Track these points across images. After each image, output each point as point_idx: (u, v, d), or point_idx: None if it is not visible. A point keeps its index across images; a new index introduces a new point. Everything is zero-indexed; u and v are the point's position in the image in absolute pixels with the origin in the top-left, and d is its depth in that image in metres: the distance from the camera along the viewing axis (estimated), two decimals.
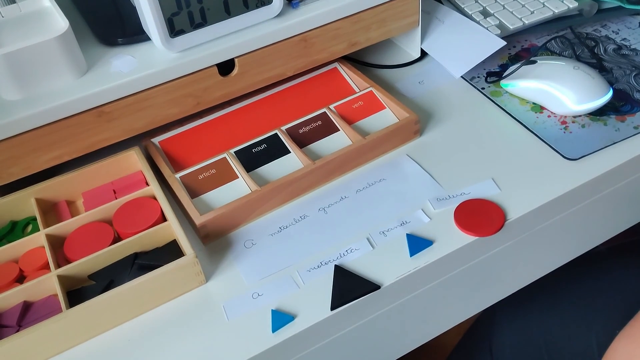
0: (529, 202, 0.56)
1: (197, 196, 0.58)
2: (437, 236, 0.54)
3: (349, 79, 0.71)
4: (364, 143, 0.61)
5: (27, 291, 0.51)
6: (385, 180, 0.60)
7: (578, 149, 0.60)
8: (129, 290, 0.49)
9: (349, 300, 0.50)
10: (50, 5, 0.59)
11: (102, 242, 0.54)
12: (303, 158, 0.60)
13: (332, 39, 0.65)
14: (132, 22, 0.60)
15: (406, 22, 0.70)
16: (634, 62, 0.71)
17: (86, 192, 0.60)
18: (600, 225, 0.66)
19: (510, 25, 0.74)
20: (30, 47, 0.52)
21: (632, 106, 0.65)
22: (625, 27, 0.77)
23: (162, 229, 0.54)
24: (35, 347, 0.48)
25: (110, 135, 0.58)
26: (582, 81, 0.63)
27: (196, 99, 0.61)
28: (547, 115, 0.65)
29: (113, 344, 0.49)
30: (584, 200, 0.59)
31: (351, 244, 0.54)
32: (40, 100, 0.54)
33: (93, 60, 0.59)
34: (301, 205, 0.59)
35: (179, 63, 0.58)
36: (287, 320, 0.49)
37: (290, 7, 0.63)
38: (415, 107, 0.68)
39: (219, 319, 0.50)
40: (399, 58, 0.76)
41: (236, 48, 0.60)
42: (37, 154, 0.56)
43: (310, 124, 0.64)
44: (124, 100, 0.57)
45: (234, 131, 0.65)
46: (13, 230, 0.58)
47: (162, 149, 0.63)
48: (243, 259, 0.55)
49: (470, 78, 0.71)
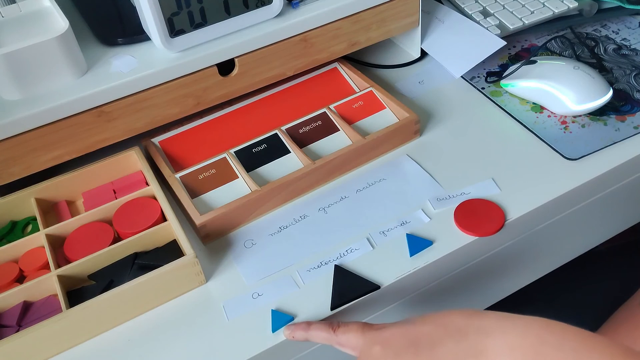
0: (529, 202, 0.56)
1: (197, 196, 0.58)
2: (437, 236, 0.54)
3: (349, 79, 0.71)
4: (364, 143, 0.61)
5: (27, 291, 0.51)
6: (385, 180, 0.60)
7: (578, 149, 0.60)
8: (129, 290, 0.49)
9: (349, 300, 0.50)
10: (50, 5, 0.59)
11: (102, 242, 0.54)
12: (303, 158, 0.60)
13: (332, 39, 0.65)
14: (132, 22, 0.60)
15: (406, 22, 0.70)
16: (634, 62, 0.71)
17: (86, 192, 0.60)
18: (600, 225, 0.66)
19: (510, 25, 0.74)
20: (30, 47, 0.52)
21: (632, 106, 0.65)
22: (625, 27, 0.77)
23: (162, 229, 0.54)
24: (35, 347, 0.48)
25: (110, 135, 0.58)
26: (582, 81, 0.63)
27: (196, 99, 0.61)
28: (547, 115, 0.65)
29: (113, 344, 0.49)
30: (584, 200, 0.59)
31: (351, 244, 0.54)
32: (40, 100, 0.54)
33: (93, 60, 0.59)
34: (301, 205, 0.59)
35: (179, 63, 0.58)
36: (287, 320, 0.49)
37: (290, 7, 0.63)
38: (415, 107, 0.68)
39: (219, 319, 0.50)
40: (399, 58, 0.76)
41: (236, 48, 0.60)
42: (37, 154, 0.56)
43: (310, 124, 0.64)
44: (124, 100, 0.57)
45: (234, 131, 0.65)
46: (13, 230, 0.58)
47: (162, 149, 0.63)
48: (243, 259, 0.55)
49: (470, 78, 0.71)
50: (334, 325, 0.46)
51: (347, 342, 0.45)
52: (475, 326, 0.40)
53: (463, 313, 0.42)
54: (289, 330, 0.48)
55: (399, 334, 0.42)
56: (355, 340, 0.44)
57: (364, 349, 0.43)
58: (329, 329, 0.46)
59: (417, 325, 0.42)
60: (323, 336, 0.46)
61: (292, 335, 0.48)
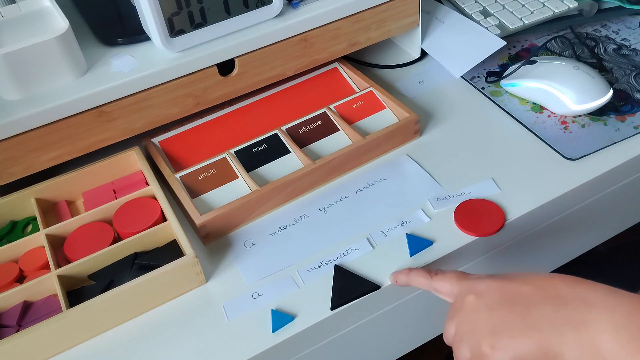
0: (529, 202, 0.56)
1: (197, 196, 0.58)
2: (437, 236, 0.54)
3: (349, 79, 0.71)
4: (364, 143, 0.61)
5: (27, 291, 0.51)
6: (385, 180, 0.60)
7: (578, 149, 0.60)
8: (129, 290, 0.49)
9: (348, 300, 0.50)
10: (50, 5, 0.59)
11: (102, 242, 0.54)
12: (303, 158, 0.60)
13: (332, 39, 0.65)
14: (132, 22, 0.60)
15: (406, 22, 0.70)
16: (634, 62, 0.71)
17: (86, 192, 0.60)
18: (600, 225, 0.66)
19: (510, 25, 0.74)
20: (30, 47, 0.52)
21: (632, 106, 0.65)
22: (625, 27, 0.77)
23: (162, 229, 0.54)
24: (35, 347, 0.48)
25: (110, 135, 0.58)
26: (582, 81, 0.63)
27: (196, 99, 0.61)
28: (547, 115, 0.65)
29: (113, 344, 0.49)
30: (584, 200, 0.59)
31: (351, 244, 0.54)
32: (40, 100, 0.54)
33: (93, 60, 0.59)
34: (301, 205, 0.59)
35: (179, 63, 0.58)
36: (287, 320, 0.49)
37: (290, 7, 0.63)
38: (415, 107, 0.68)
39: (219, 319, 0.50)
40: (399, 58, 0.76)
41: (236, 48, 0.60)
42: (37, 154, 0.56)
43: (310, 124, 0.64)
44: (124, 100, 0.57)
45: (234, 131, 0.65)
46: (13, 230, 0.58)
47: (162, 149, 0.63)
48: (243, 259, 0.55)
49: (470, 78, 0.71)
50: (432, 272, 0.47)
51: (443, 288, 0.46)
52: (579, 295, 0.39)
53: (567, 279, 0.40)
54: (393, 276, 0.50)
55: (495, 287, 0.42)
56: (450, 287, 0.45)
57: (458, 297, 0.44)
58: (427, 275, 0.47)
59: (515, 283, 0.41)
60: (421, 282, 0.47)
61: (395, 280, 0.50)
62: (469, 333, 0.41)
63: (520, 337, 0.39)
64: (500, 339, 0.39)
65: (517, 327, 0.39)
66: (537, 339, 0.38)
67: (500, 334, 0.40)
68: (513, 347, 0.39)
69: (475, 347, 0.41)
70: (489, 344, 0.40)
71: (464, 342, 0.42)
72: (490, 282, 0.42)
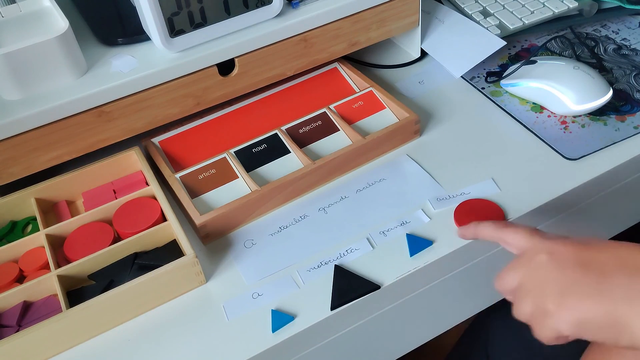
0: (529, 202, 0.56)
1: (197, 196, 0.58)
2: (437, 236, 0.54)
3: (349, 79, 0.71)
4: (364, 143, 0.61)
5: (27, 291, 0.51)
6: (385, 180, 0.60)
7: (578, 149, 0.60)
8: (129, 290, 0.49)
9: (349, 300, 0.50)
10: (50, 5, 0.59)
11: (102, 242, 0.54)
12: (303, 158, 0.60)
13: (332, 39, 0.65)
14: (132, 22, 0.60)
15: (406, 22, 0.70)
16: (634, 62, 0.71)
17: (86, 192, 0.60)
18: (600, 226, 0.66)
19: (510, 25, 0.74)
20: (30, 47, 0.52)
21: (632, 106, 0.65)
22: (625, 27, 0.77)
23: (162, 229, 0.54)
24: (35, 347, 0.48)
25: (110, 135, 0.58)
26: (582, 81, 0.63)
27: (196, 99, 0.61)
28: (547, 115, 0.65)
29: (113, 344, 0.49)
30: (584, 200, 0.59)
31: (351, 244, 0.54)
32: (40, 100, 0.54)
33: (93, 60, 0.59)
34: (301, 205, 0.59)
35: (179, 63, 0.58)
36: (287, 320, 0.49)
37: (290, 7, 0.63)
38: (415, 107, 0.68)
39: (219, 319, 0.50)
40: (399, 58, 0.76)
41: (236, 48, 0.60)
42: (37, 154, 0.56)
43: (310, 124, 0.64)
44: (124, 100, 0.57)
45: (234, 131, 0.65)
46: (13, 230, 0.58)
47: (162, 149, 0.63)
48: (243, 259, 0.55)
49: (470, 78, 0.71)
50: (501, 224, 0.46)
51: (513, 241, 0.45)
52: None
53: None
54: (460, 230, 0.51)
55: (571, 250, 0.41)
56: (523, 241, 0.44)
57: (528, 252, 0.43)
58: (496, 227, 0.46)
59: (591, 249, 0.41)
60: (490, 233, 0.47)
61: (462, 234, 0.50)
62: (536, 289, 0.41)
63: (590, 302, 0.38)
64: (569, 299, 0.39)
65: (588, 291, 0.39)
66: (606, 305, 0.38)
67: (570, 295, 0.39)
68: (580, 309, 0.38)
69: (540, 303, 0.40)
70: (556, 303, 0.39)
71: (529, 296, 0.41)
72: (566, 243, 0.42)
